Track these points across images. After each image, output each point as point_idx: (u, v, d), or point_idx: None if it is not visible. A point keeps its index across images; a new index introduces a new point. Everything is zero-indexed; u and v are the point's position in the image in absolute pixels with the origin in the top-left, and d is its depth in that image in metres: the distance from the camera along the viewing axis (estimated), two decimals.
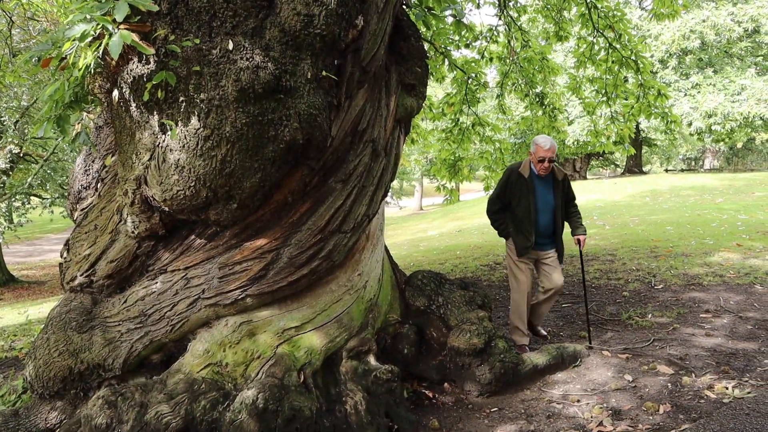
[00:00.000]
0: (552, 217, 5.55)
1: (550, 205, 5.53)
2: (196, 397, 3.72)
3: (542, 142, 5.33)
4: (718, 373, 4.91)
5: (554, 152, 5.31)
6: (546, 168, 5.35)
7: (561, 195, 5.56)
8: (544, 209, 5.51)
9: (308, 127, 3.76)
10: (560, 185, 5.55)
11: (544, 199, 5.51)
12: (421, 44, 5.06)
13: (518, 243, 5.55)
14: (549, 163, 5.34)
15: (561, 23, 9.43)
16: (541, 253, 5.65)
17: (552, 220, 5.56)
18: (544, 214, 5.52)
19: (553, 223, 5.57)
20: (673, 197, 21.17)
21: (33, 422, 4.24)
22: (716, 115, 27.57)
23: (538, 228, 5.51)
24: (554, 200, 5.54)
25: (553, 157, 5.32)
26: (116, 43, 3.13)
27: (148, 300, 4.17)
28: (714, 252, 9.79)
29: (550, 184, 5.54)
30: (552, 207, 5.54)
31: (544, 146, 5.29)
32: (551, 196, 5.54)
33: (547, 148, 5.29)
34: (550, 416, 4.42)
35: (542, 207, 5.50)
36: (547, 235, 5.58)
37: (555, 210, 5.54)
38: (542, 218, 5.51)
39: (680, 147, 41.10)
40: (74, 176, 4.78)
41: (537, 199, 5.47)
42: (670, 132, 9.06)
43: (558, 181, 5.53)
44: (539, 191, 5.50)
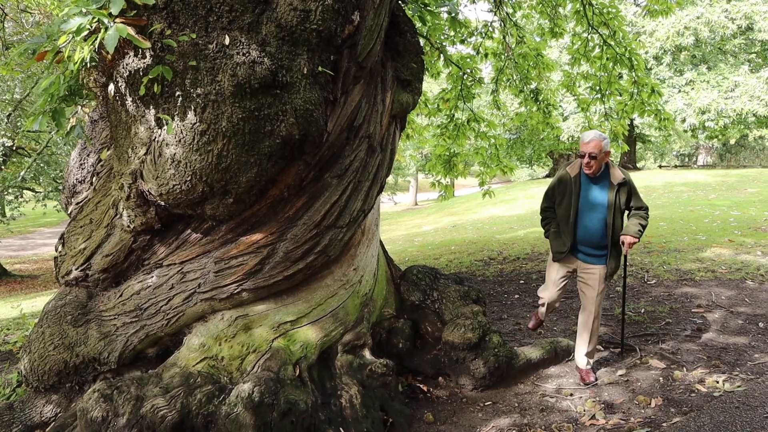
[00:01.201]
0: (601, 225, 4.78)
1: (598, 210, 4.78)
2: (192, 391, 3.74)
3: (584, 135, 4.77)
4: (709, 367, 4.96)
5: (598, 148, 4.62)
6: (589, 165, 4.70)
7: (617, 201, 4.75)
8: (588, 213, 4.81)
9: (304, 122, 3.77)
10: (616, 189, 4.75)
11: (590, 202, 4.82)
12: (417, 40, 5.07)
13: (553, 246, 5.02)
14: (590, 160, 4.67)
15: (556, 19, 9.44)
16: (583, 265, 4.95)
17: (600, 229, 4.79)
18: (589, 219, 4.81)
19: (602, 233, 4.79)
20: (667, 193, 21.25)
21: (28, 416, 4.25)
22: (710, 112, 27.63)
23: (579, 234, 4.86)
24: (605, 205, 4.76)
25: (595, 153, 4.63)
26: (112, 37, 3.13)
27: (143, 294, 4.18)
28: (706, 248, 9.85)
29: (603, 186, 4.80)
30: (601, 212, 4.77)
31: (584, 140, 4.73)
32: (601, 200, 4.79)
33: (586, 141, 4.70)
34: (543, 410, 4.46)
35: (586, 210, 4.82)
36: (591, 244, 4.85)
37: (605, 217, 4.76)
38: (585, 223, 4.83)
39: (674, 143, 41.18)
40: (69, 170, 4.78)
41: (580, 200, 4.83)
42: (663, 129, 9.10)
43: (614, 185, 4.76)
44: (585, 193, 4.84)
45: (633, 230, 4.73)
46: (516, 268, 9.88)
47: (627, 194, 4.80)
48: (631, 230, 4.74)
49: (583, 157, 4.72)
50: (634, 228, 4.74)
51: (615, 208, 4.73)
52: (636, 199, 4.85)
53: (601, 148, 4.65)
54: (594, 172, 4.74)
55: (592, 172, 4.74)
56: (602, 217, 4.77)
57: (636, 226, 4.75)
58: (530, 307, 7.35)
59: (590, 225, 4.81)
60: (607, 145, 4.69)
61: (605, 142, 4.67)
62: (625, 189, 4.78)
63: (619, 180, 4.75)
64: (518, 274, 9.40)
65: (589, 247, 4.87)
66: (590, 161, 4.68)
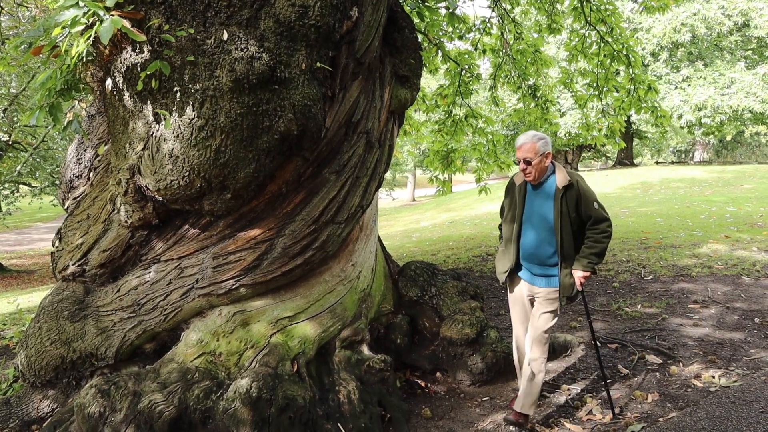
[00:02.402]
0: (547, 239, 4.09)
1: (543, 221, 4.10)
2: (190, 386, 3.74)
3: (517, 139, 4.12)
4: (706, 363, 4.98)
5: (533, 151, 3.97)
6: (525, 171, 4.05)
7: (564, 210, 4.02)
8: (533, 226, 4.15)
9: (303, 118, 3.77)
10: (562, 196, 4.01)
11: (535, 212, 4.15)
12: (415, 36, 5.07)
13: (497, 267, 4.42)
14: (526, 165, 4.01)
15: (553, 16, 9.43)
16: (533, 289, 4.23)
17: (546, 243, 4.10)
18: (534, 232, 4.15)
19: (550, 247, 4.09)
20: (664, 189, 21.30)
21: (25, 411, 4.25)
22: (706, 108, 27.69)
23: (523, 249, 4.21)
24: (551, 216, 4.07)
25: (530, 157, 3.98)
26: (107, 29, 3.11)
27: (141, 289, 4.17)
28: (703, 243, 9.88)
29: (549, 193, 4.10)
30: (547, 223, 4.08)
31: (517, 144, 4.09)
32: (547, 210, 4.09)
33: (518, 145, 4.06)
34: (540, 405, 4.47)
35: (530, 223, 4.17)
36: (538, 261, 4.15)
37: (552, 229, 4.07)
38: (530, 237, 4.16)
39: (671, 139, 41.28)
40: (66, 165, 4.77)
41: (525, 212, 4.20)
42: (660, 126, 9.12)
43: (559, 190, 4.02)
44: (530, 203, 4.19)
45: (582, 263, 3.99)
46: None
47: (575, 200, 4.01)
48: (581, 263, 3.99)
49: (520, 163, 4.10)
50: (585, 260, 3.99)
51: (563, 218, 4.01)
52: (588, 206, 4.00)
53: (536, 150, 3.99)
54: (535, 178, 4.07)
55: (532, 178, 4.07)
56: (548, 228, 4.08)
57: (587, 257, 3.99)
58: None
59: (536, 239, 4.15)
60: (544, 145, 4.02)
61: (542, 142, 4.01)
62: (572, 193, 4.00)
63: (564, 183, 4.00)
64: None
65: (537, 265, 4.18)
66: (526, 167, 4.03)
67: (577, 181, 4.03)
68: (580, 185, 4.02)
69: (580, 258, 4.02)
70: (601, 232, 3.99)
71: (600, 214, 4.00)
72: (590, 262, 3.98)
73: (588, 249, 4.00)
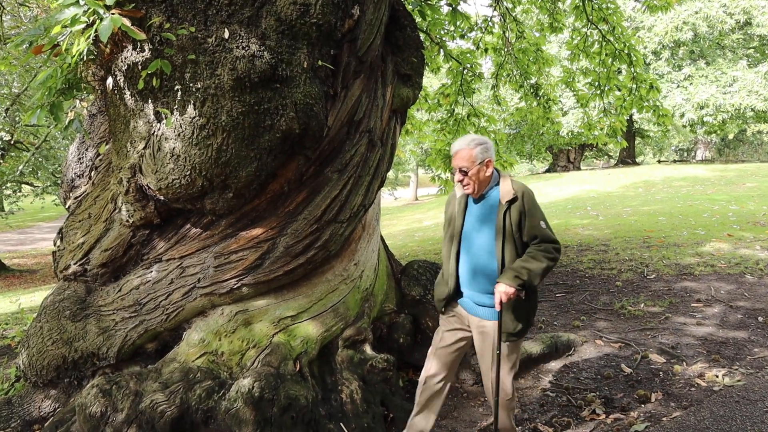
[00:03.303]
0: (488, 262, 3.46)
1: (484, 240, 3.48)
2: (192, 386, 3.73)
3: (452, 146, 3.55)
4: (709, 362, 4.96)
5: (469, 159, 3.39)
6: (462, 183, 3.47)
7: (507, 228, 3.39)
8: (473, 246, 3.53)
9: (304, 116, 3.75)
10: (506, 210, 3.40)
11: (476, 231, 3.53)
12: (417, 34, 5.05)
13: (435, 292, 3.80)
14: (462, 176, 3.44)
15: (555, 14, 9.43)
16: (473, 320, 3.59)
17: (489, 267, 3.46)
18: (474, 253, 3.51)
19: (491, 273, 3.45)
20: (666, 188, 21.26)
21: (26, 411, 4.24)
22: (708, 107, 27.70)
23: (462, 274, 3.60)
24: (492, 235, 3.45)
25: (466, 166, 3.40)
26: (106, 27, 3.10)
27: (143, 289, 4.16)
28: (705, 242, 9.86)
29: (492, 208, 3.48)
30: (488, 243, 3.46)
31: (451, 150, 3.54)
32: (488, 227, 3.47)
33: (453, 153, 3.52)
34: (543, 404, 4.45)
35: (470, 242, 3.54)
36: (479, 289, 3.51)
37: (493, 250, 3.44)
38: (469, 260, 3.55)
39: (673, 138, 41.25)
40: (68, 164, 4.76)
41: (464, 230, 3.59)
42: (662, 125, 9.11)
43: (502, 205, 3.41)
44: (470, 218, 3.58)
45: (508, 276, 3.28)
46: None
47: (519, 216, 3.39)
48: (507, 275, 3.29)
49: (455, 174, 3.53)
50: (511, 272, 3.29)
51: (506, 236, 3.39)
52: (533, 225, 3.39)
53: (473, 158, 3.40)
54: (474, 190, 3.48)
55: (471, 190, 3.48)
56: (489, 249, 3.46)
57: (517, 269, 3.30)
58: None
59: (477, 262, 3.51)
60: (484, 152, 3.42)
61: (480, 149, 3.42)
62: (516, 208, 3.39)
63: (508, 197, 3.40)
64: None
65: (478, 293, 3.53)
66: (462, 178, 3.46)
67: (524, 194, 3.42)
68: (526, 199, 3.41)
69: (508, 268, 3.33)
70: (544, 249, 3.35)
71: (547, 234, 3.39)
72: (517, 276, 3.26)
73: (522, 262, 3.32)
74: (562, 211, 17.65)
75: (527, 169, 47.60)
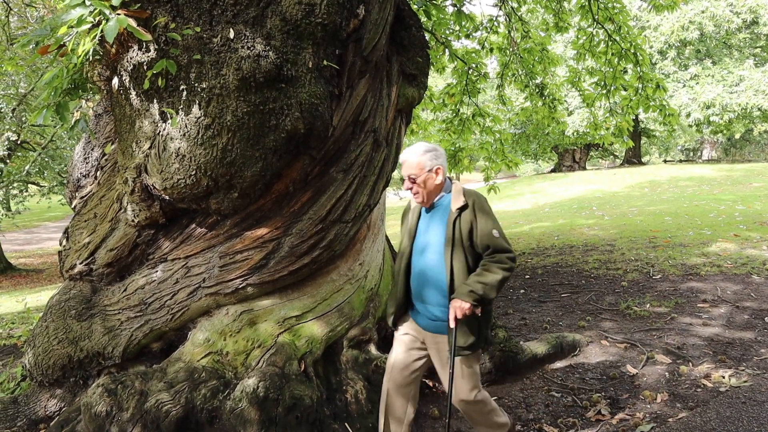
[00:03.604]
0: (438, 272, 3.30)
1: (435, 253, 3.32)
2: (197, 386, 3.73)
3: (402, 154, 3.45)
4: (715, 362, 4.94)
5: (418, 167, 3.29)
6: (413, 192, 3.36)
7: (457, 237, 3.24)
8: (424, 258, 3.37)
9: (309, 116, 3.75)
10: (456, 220, 3.25)
11: (427, 241, 3.38)
12: (423, 34, 5.04)
13: (387, 306, 3.70)
14: (411, 184, 3.33)
15: (561, 14, 9.41)
16: (427, 335, 3.43)
17: (438, 277, 3.30)
18: (425, 265, 3.36)
19: (444, 284, 3.27)
20: (672, 188, 21.20)
21: (32, 410, 4.26)
22: (714, 106, 27.60)
23: (414, 285, 3.43)
24: (443, 246, 3.29)
25: (414, 174, 3.29)
26: (112, 28, 3.10)
27: (148, 288, 4.17)
28: (712, 242, 9.82)
29: (443, 217, 3.35)
30: (437, 254, 3.31)
31: (400, 159, 3.46)
32: (438, 237, 3.34)
33: (401, 160, 3.42)
34: (549, 405, 4.44)
35: (421, 254, 3.39)
36: (430, 301, 3.35)
37: (446, 263, 3.26)
38: (421, 271, 3.38)
39: (679, 138, 41.13)
40: (73, 164, 4.77)
41: (416, 240, 3.46)
42: (668, 124, 9.08)
43: (452, 213, 3.28)
44: (422, 229, 3.45)
45: (463, 291, 3.12)
46: (521, 263, 9.85)
47: (469, 224, 3.24)
48: (462, 291, 3.13)
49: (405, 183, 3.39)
50: (466, 287, 3.12)
51: (455, 245, 3.24)
52: (484, 234, 3.20)
53: (422, 165, 3.28)
54: (424, 200, 3.37)
55: (422, 199, 3.38)
56: (439, 260, 3.30)
57: (471, 284, 3.12)
58: (536, 302, 7.34)
59: (427, 274, 3.35)
60: (434, 158, 3.31)
61: (429, 155, 3.31)
62: (466, 216, 3.25)
63: (459, 204, 3.27)
64: (524, 269, 9.38)
65: (431, 306, 3.36)
66: (411, 186, 3.33)
67: (474, 201, 3.27)
68: (477, 207, 3.25)
69: (462, 284, 3.17)
70: (497, 261, 3.16)
71: (500, 243, 3.20)
72: (473, 291, 3.09)
73: (476, 276, 3.16)
74: (567, 211, 17.62)
75: (532, 169, 47.54)
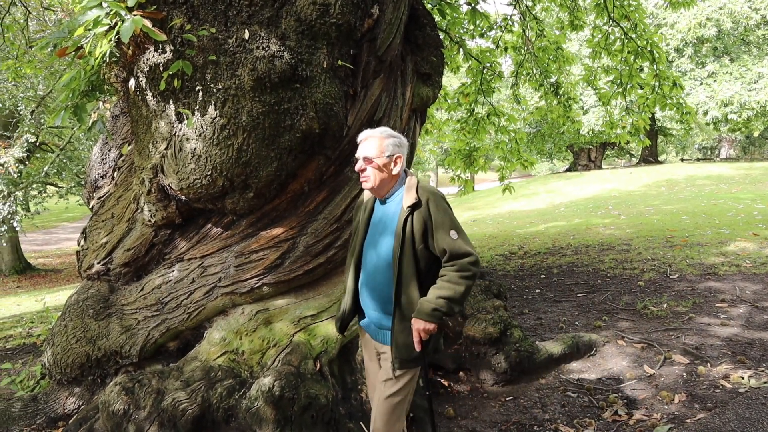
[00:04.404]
0: (387, 278, 2.92)
1: (384, 255, 2.93)
2: (213, 385, 3.75)
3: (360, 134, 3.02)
4: (734, 363, 4.88)
5: (378, 148, 2.89)
6: (364, 175, 2.94)
7: (408, 238, 2.83)
8: (373, 260, 2.98)
9: (324, 116, 3.76)
10: (407, 219, 2.84)
11: (376, 241, 2.99)
12: (437, 33, 5.04)
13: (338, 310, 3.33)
14: (365, 165, 2.91)
15: (576, 12, 9.35)
16: (377, 346, 3.09)
17: (390, 282, 2.91)
18: (374, 268, 2.98)
19: (391, 289, 2.90)
20: (689, 187, 21.00)
21: (51, 407, 4.31)
22: (732, 104, 27.29)
23: (363, 289, 3.06)
24: (392, 244, 2.88)
25: (371, 155, 2.88)
26: (128, 28, 3.13)
27: (164, 288, 4.20)
28: (730, 242, 9.72)
29: (395, 213, 2.94)
30: (386, 257, 2.91)
31: (359, 138, 3.01)
32: (388, 235, 2.93)
33: (360, 139, 2.99)
34: (565, 405, 4.41)
35: (370, 255, 3.00)
36: (379, 308, 2.99)
37: (393, 267, 2.86)
38: (369, 276, 3.01)
39: (696, 136, 40.73)
40: (91, 165, 4.82)
41: (367, 237, 3.05)
42: (685, 122, 9.00)
43: (404, 211, 2.86)
44: (373, 227, 3.05)
45: (426, 310, 2.74)
46: (537, 263, 9.81)
47: (422, 225, 2.83)
48: (424, 309, 2.75)
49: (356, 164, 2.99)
50: (428, 305, 2.74)
51: (404, 247, 2.83)
52: (440, 236, 2.81)
53: (382, 148, 2.89)
54: (374, 185, 2.94)
55: (371, 185, 2.94)
56: (388, 263, 2.91)
57: (432, 301, 2.74)
58: (551, 302, 7.30)
59: (375, 277, 2.98)
60: (395, 146, 2.92)
61: (392, 141, 2.92)
62: (419, 216, 2.84)
63: (411, 202, 2.85)
64: (539, 269, 9.34)
65: (379, 313, 3.01)
66: (364, 168, 2.92)
67: (429, 199, 2.86)
68: (432, 205, 2.85)
69: (423, 302, 2.77)
70: (458, 269, 2.77)
71: (459, 246, 2.79)
72: (437, 310, 2.72)
73: (438, 290, 2.77)
74: (583, 211, 17.51)
75: (547, 168, 47.30)
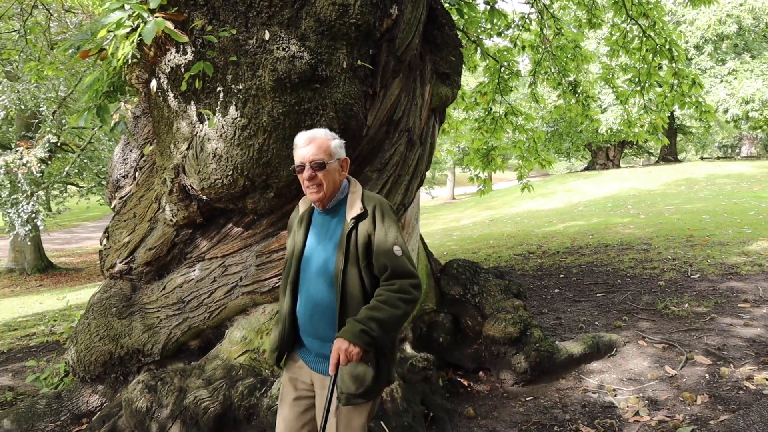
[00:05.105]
0: (329, 299, 2.55)
1: (324, 275, 2.57)
2: (234, 383, 3.78)
3: (297, 137, 2.62)
4: (758, 364, 4.83)
5: (325, 150, 2.53)
6: (311, 181, 2.53)
7: (352, 254, 2.52)
8: (312, 279, 2.61)
9: (344, 116, 3.77)
10: (351, 232, 2.53)
11: (316, 257, 2.63)
12: (455, 33, 5.03)
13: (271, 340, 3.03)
14: (314, 172, 2.51)
15: (594, 10, 9.28)
16: (316, 378, 2.64)
17: (332, 305, 2.54)
18: (314, 289, 2.59)
19: (334, 312, 2.52)
20: (709, 186, 20.76)
21: (75, 405, 4.37)
22: (753, 102, 26.94)
23: (300, 317, 2.65)
24: (334, 261, 2.54)
25: (319, 159, 2.50)
26: (150, 30, 3.16)
27: (186, 287, 4.24)
28: (752, 241, 9.60)
29: (337, 226, 2.62)
30: (328, 276, 2.56)
31: (299, 141, 2.59)
32: (330, 254, 2.58)
33: (302, 143, 2.57)
34: (585, 405, 4.39)
35: (309, 274, 2.63)
36: (319, 334, 2.59)
37: (336, 287, 2.52)
38: (307, 297, 2.62)
39: (716, 134, 40.28)
40: (113, 165, 4.87)
41: (304, 254, 2.68)
42: (704, 120, 8.92)
43: (347, 223, 2.55)
44: (312, 241, 2.68)
45: (353, 330, 2.35)
46: (556, 262, 9.76)
47: (366, 237, 2.52)
48: (352, 329, 2.35)
49: (301, 172, 2.56)
50: (356, 324, 2.36)
51: (348, 263, 2.51)
52: (382, 252, 2.49)
53: (331, 152, 2.56)
54: (325, 196, 2.58)
55: (323, 195, 2.56)
56: (330, 282, 2.56)
57: (362, 321, 2.36)
58: (571, 302, 7.26)
59: (315, 298, 2.59)
60: (340, 148, 2.62)
61: (337, 142, 2.61)
62: (364, 228, 2.53)
63: (355, 212, 2.54)
64: (558, 269, 9.29)
65: (320, 340, 2.60)
66: (314, 175, 2.52)
67: (375, 208, 2.56)
68: (378, 216, 2.55)
69: (351, 321, 2.39)
70: (398, 290, 2.43)
71: (402, 265, 2.48)
72: (365, 332, 2.34)
73: (370, 310, 2.40)
74: (602, 210, 17.39)
75: (566, 167, 47.01)
